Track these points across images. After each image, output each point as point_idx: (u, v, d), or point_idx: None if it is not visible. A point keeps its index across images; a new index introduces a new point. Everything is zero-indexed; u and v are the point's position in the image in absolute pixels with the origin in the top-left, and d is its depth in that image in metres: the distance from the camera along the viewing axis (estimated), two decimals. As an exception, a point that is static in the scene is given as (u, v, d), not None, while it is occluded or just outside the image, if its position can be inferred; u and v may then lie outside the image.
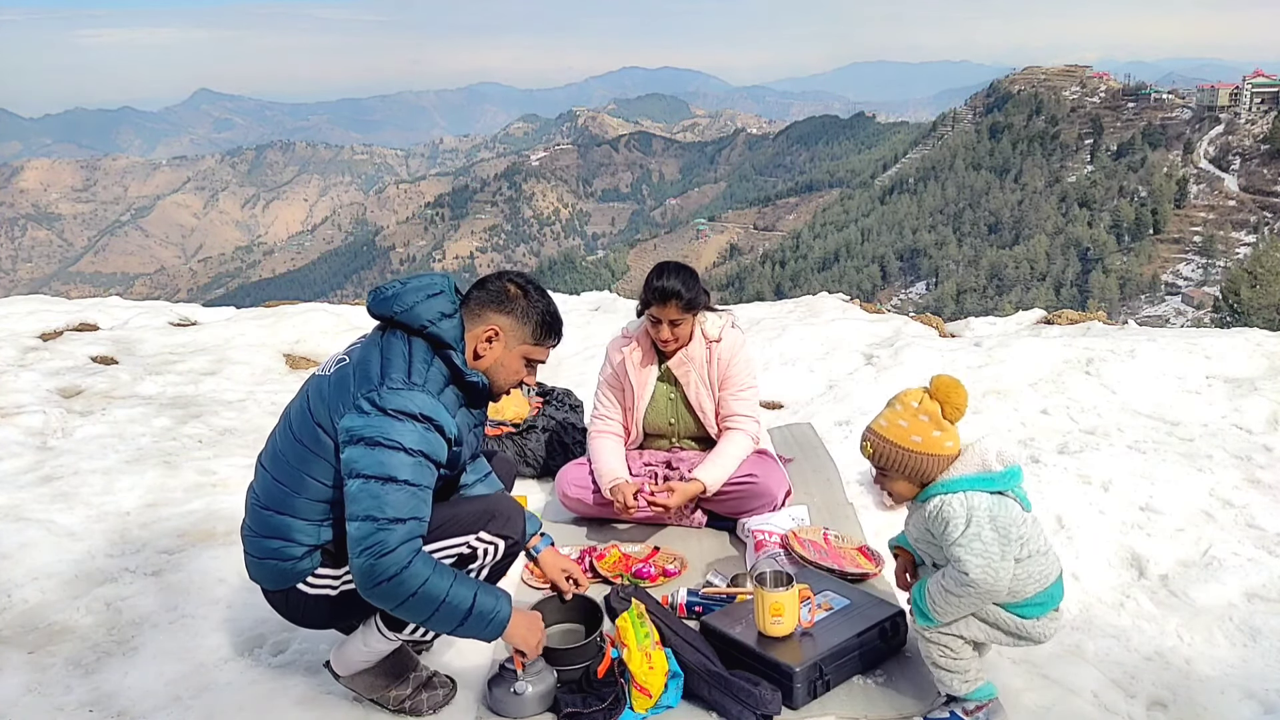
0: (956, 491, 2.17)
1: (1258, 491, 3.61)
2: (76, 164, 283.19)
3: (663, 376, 3.52)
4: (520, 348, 2.32)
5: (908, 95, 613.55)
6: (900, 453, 2.20)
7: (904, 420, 2.21)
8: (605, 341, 6.78)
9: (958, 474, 2.19)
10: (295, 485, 2.19)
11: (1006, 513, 2.16)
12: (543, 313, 2.32)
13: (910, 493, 2.26)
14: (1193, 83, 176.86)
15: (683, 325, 3.35)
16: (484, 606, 2.15)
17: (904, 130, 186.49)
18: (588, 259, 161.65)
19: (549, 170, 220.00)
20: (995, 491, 2.17)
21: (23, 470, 4.16)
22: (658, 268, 3.38)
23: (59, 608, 2.97)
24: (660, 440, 3.60)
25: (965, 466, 2.19)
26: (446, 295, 2.25)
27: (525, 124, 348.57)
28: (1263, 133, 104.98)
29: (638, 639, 2.42)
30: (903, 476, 2.23)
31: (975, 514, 2.14)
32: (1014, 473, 2.21)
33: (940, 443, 2.19)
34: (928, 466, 2.20)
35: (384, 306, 2.24)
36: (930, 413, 2.20)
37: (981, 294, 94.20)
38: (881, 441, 2.23)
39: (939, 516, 2.17)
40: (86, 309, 8.33)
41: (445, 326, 2.22)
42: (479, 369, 2.31)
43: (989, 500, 2.16)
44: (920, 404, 2.22)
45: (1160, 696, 2.46)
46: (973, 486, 2.17)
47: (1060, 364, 5.17)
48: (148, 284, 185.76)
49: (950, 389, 2.20)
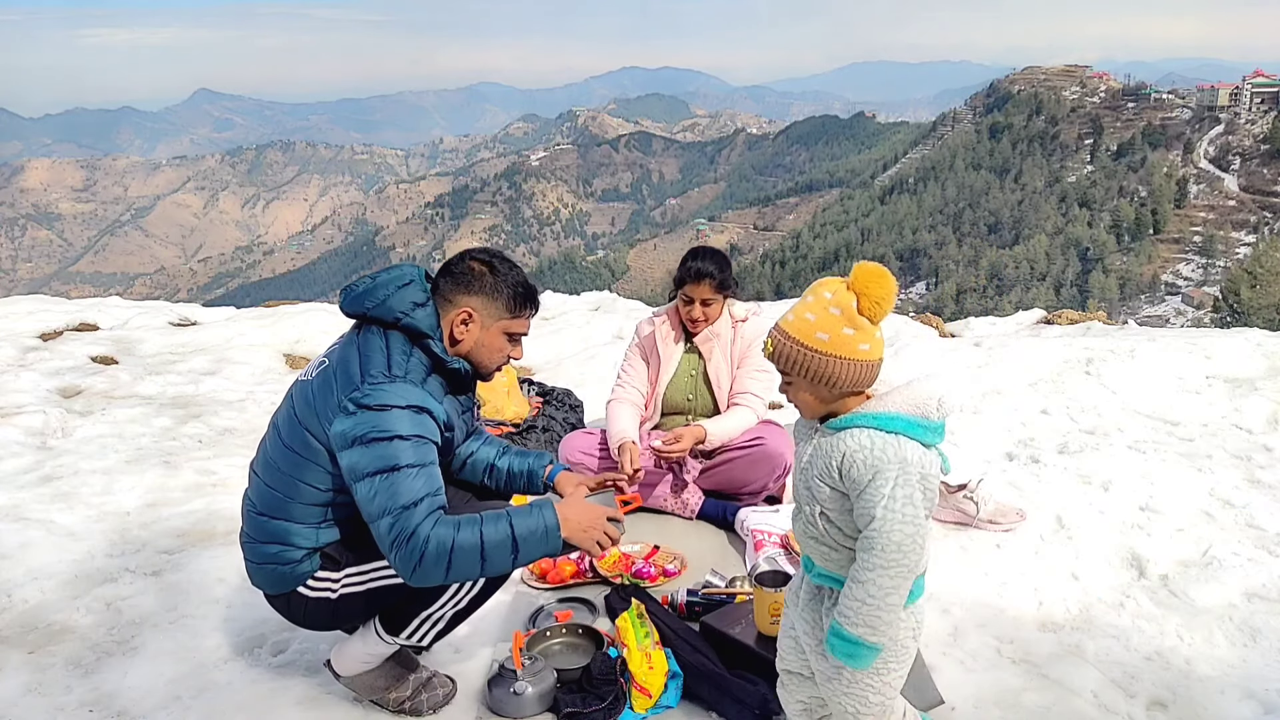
0: (890, 432, 1.74)
1: (1258, 491, 3.61)
2: (77, 164, 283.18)
3: (689, 350, 3.67)
4: (497, 324, 2.30)
5: (908, 95, 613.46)
6: (802, 352, 1.76)
7: (811, 313, 1.77)
8: (605, 341, 6.80)
9: (893, 408, 1.76)
10: (289, 491, 2.19)
11: (934, 473, 1.77)
12: (513, 285, 2.29)
13: (817, 407, 1.83)
14: (1193, 83, 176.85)
15: (713, 305, 3.54)
16: (525, 528, 2.11)
17: (904, 130, 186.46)
18: (588, 259, 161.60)
19: (549, 170, 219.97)
20: (926, 445, 1.78)
21: (23, 470, 4.16)
22: (693, 250, 3.59)
23: (59, 608, 2.97)
24: (677, 418, 3.68)
25: (904, 404, 1.77)
26: (417, 284, 2.24)
27: (525, 124, 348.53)
28: (1263, 133, 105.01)
29: (638, 639, 2.42)
30: (807, 383, 1.79)
31: (908, 467, 1.72)
32: (943, 426, 1.81)
33: (852, 344, 1.75)
34: (835, 372, 1.75)
35: (357, 304, 2.23)
36: (843, 306, 1.75)
37: (981, 294, 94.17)
38: (782, 338, 1.79)
39: (863, 459, 1.73)
40: (86, 309, 8.33)
41: (419, 316, 2.20)
42: (459, 353, 2.29)
43: (920, 453, 1.75)
44: (834, 294, 1.77)
45: (1160, 696, 2.46)
46: (908, 430, 1.75)
47: (1060, 364, 5.17)
48: (148, 284, 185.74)
49: (871, 277, 1.75)
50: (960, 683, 2.52)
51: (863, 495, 1.73)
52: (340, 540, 2.26)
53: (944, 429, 1.80)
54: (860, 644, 1.73)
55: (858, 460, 1.74)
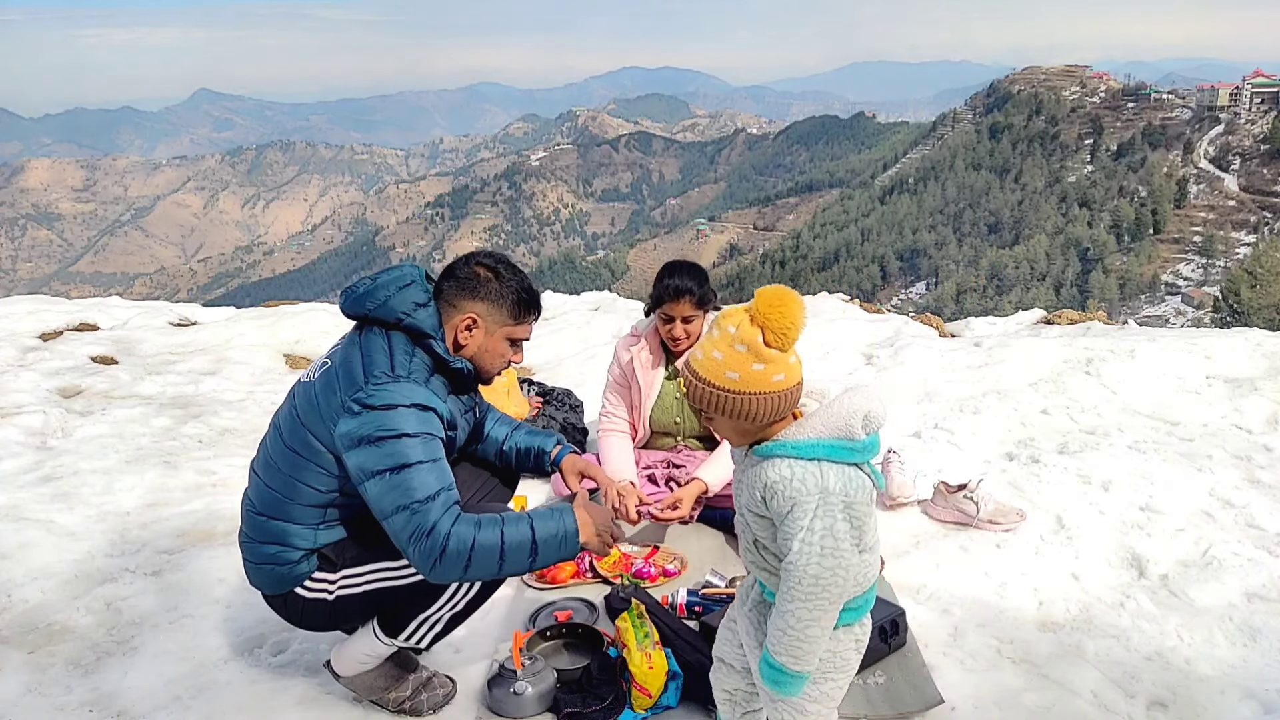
0: (809, 459, 1.70)
1: (1258, 491, 3.61)
2: (77, 164, 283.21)
3: (670, 375, 3.55)
4: (501, 330, 2.30)
5: (908, 95, 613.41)
6: (713, 393, 1.72)
7: (718, 351, 1.72)
8: (605, 341, 6.80)
9: (813, 435, 1.71)
10: (289, 491, 2.19)
11: (862, 495, 1.72)
12: (517, 291, 2.29)
13: (740, 438, 1.79)
14: (1193, 83, 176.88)
15: (694, 322, 3.40)
16: (546, 532, 2.12)
17: (904, 130, 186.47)
18: (588, 259, 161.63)
19: (549, 170, 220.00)
20: (852, 464, 1.73)
21: (23, 470, 4.16)
22: (668, 266, 3.42)
23: (59, 608, 2.97)
24: (666, 439, 3.62)
25: (824, 427, 1.71)
26: (419, 285, 2.24)
27: (525, 124, 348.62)
28: (1263, 133, 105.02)
29: (638, 639, 2.42)
30: (726, 420, 1.75)
31: (829, 498, 1.68)
32: (874, 442, 1.75)
33: (764, 378, 1.69)
34: (751, 408, 1.70)
35: (358, 305, 2.23)
36: (748, 341, 1.69)
37: (981, 294, 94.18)
38: (693, 379, 1.75)
39: (782, 490, 1.69)
40: (86, 309, 8.33)
41: (421, 316, 2.20)
42: (463, 358, 2.29)
43: (845, 478, 1.70)
44: (738, 329, 1.70)
45: (1160, 696, 2.46)
46: (830, 455, 1.69)
47: (1060, 364, 5.17)
48: (148, 284, 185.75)
49: (771, 307, 1.68)
50: (960, 683, 2.51)
51: (783, 526, 1.70)
52: (338, 542, 2.26)
53: (875, 444, 1.75)
54: (784, 671, 1.71)
55: (777, 491, 1.70)
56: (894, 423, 4.57)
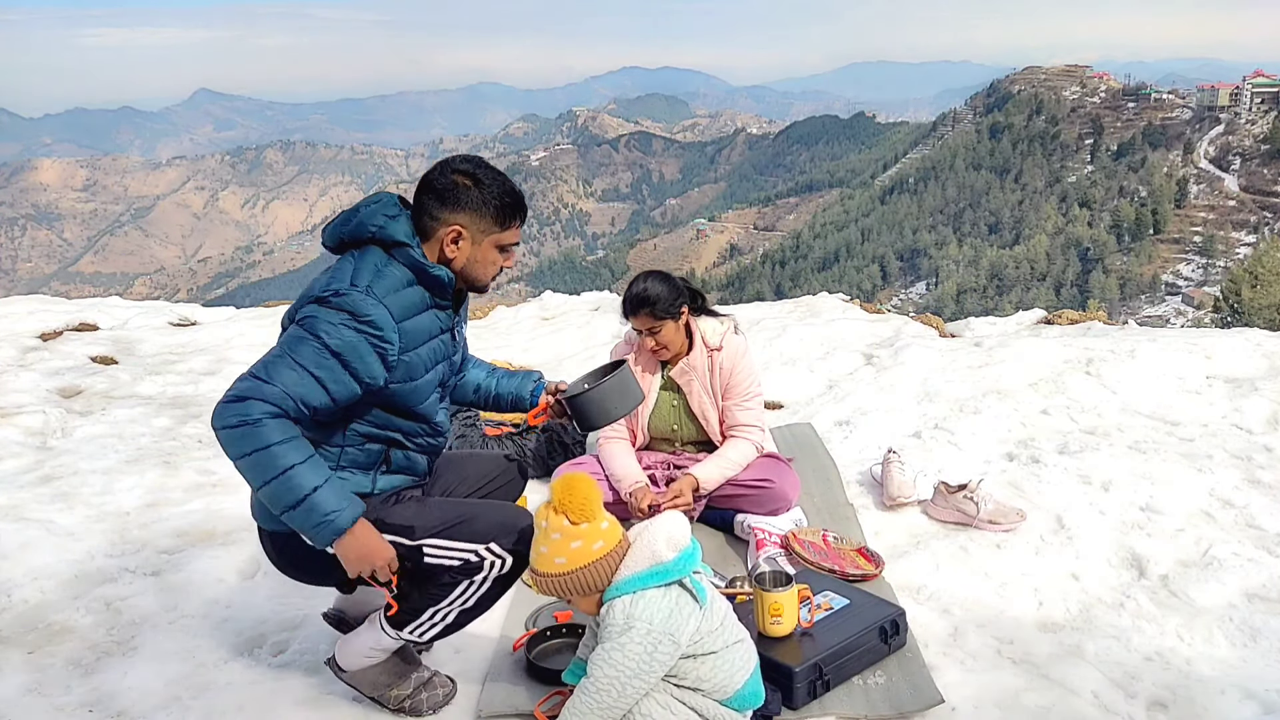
0: (624, 594, 1.99)
1: (1258, 491, 3.61)
2: (77, 164, 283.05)
3: (665, 384, 3.50)
4: (488, 238, 2.26)
5: (908, 95, 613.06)
6: (555, 582, 2.03)
7: (544, 546, 2.03)
8: (605, 342, 6.80)
9: (628, 572, 2.00)
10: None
11: (677, 614, 1.98)
12: (500, 195, 2.23)
13: (597, 604, 2.06)
14: (1193, 83, 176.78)
15: (662, 333, 3.29)
16: (320, 503, 2.01)
17: (904, 130, 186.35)
18: (588, 259, 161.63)
19: (549, 170, 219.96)
20: (670, 583, 2.00)
21: (23, 470, 4.16)
22: (635, 278, 3.36)
23: (59, 608, 2.97)
24: (664, 444, 3.61)
25: (636, 562, 2.00)
26: (388, 200, 2.26)
27: (525, 124, 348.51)
28: (1263, 133, 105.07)
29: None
30: (579, 597, 2.06)
31: (635, 623, 1.95)
32: (687, 556, 2.02)
33: (585, 552, 2.00)
34: (588, 579, 2.01)
35: (333, 234, 2.27)
36: (559, 528, 2.00)
37: (981, 294, 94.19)
38: (537, 578, 2.07)
39: (605, 623, 2.00)
40: (86, 309, 8.32)
41: (392, 227, 2.19)
42: (453, 271, 2.26)
43: (658, 603, 1.97)
44: (548, 522, 2.02)
45: (1160, 696, 2.46)
46: (645, 584, 1.98)
47: (1060, 364, 5.17)
48: (148, 284, 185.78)
49: (564, 492, 2.00)
50: (960, 683, 2.52)
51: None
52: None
53: (689, 557, 2.02)
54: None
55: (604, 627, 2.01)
56: (894, 423, 4.57)
